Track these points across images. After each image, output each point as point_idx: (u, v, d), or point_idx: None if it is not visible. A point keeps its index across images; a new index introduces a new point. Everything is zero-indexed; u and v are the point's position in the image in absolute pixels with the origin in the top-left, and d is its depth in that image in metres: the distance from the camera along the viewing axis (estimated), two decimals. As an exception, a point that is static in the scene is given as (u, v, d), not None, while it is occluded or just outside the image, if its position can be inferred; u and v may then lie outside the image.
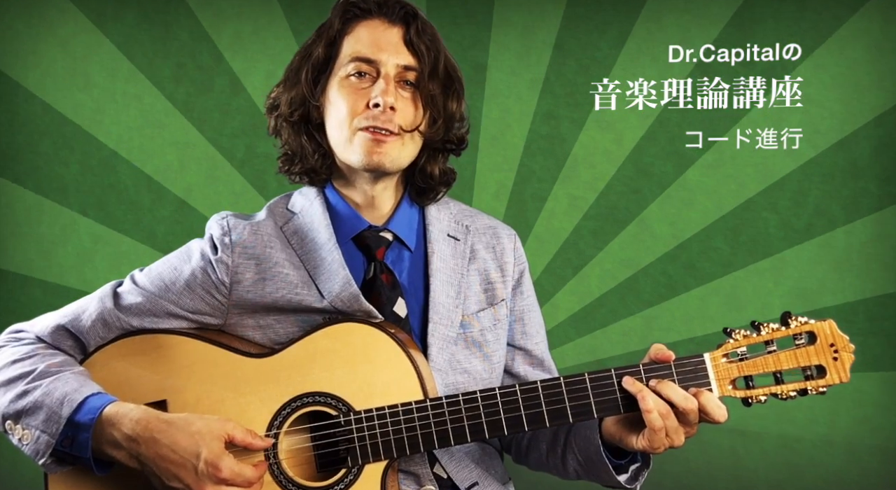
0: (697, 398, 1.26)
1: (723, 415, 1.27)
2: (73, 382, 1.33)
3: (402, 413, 1.32)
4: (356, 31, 1.46)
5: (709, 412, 1.26)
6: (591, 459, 1.41)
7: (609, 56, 3.47)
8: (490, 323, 1.53)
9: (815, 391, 1.28)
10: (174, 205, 3.64)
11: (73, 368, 1.38)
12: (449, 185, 1.57)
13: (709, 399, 1.26)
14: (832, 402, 3.33)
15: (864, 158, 3.34)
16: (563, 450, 1.50)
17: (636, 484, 1.42)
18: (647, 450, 1.29)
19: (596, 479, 1.45)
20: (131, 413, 1.29)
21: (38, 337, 1.45)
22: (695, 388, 1.28)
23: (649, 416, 1.25)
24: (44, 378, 1.34)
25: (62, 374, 1.34)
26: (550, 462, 1.54)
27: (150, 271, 1.49)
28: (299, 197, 1.56)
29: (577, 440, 1.45)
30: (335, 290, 1.42)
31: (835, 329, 1.27)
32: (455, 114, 1.51)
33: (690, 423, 1.28)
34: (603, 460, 1.38)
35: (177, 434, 1.27)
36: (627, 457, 1.40)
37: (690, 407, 1.26)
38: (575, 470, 1.49)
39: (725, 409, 1.27)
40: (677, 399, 1.26)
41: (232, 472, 1.26)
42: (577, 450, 1.45)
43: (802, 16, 3.35)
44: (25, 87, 3.64)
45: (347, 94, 1.44)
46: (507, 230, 1.63)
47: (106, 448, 1.30)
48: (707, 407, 1.26)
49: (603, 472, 1.40)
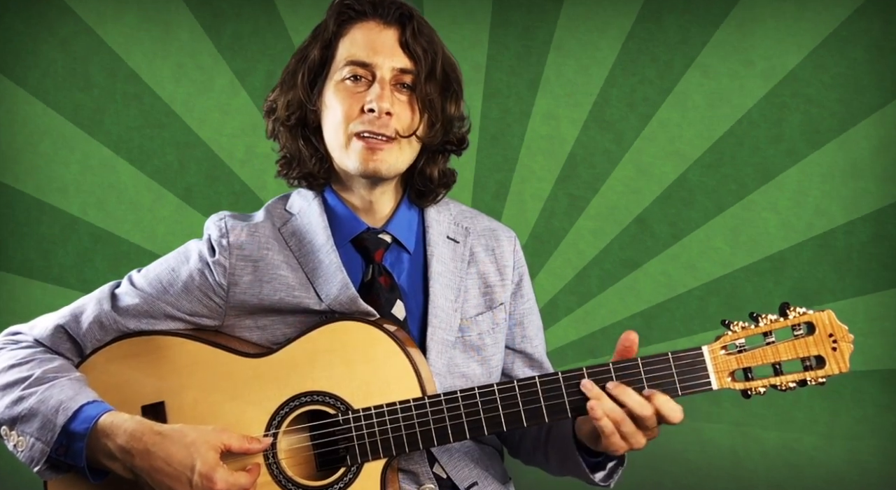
0: (652, 400, 1.25)
1: (678, 417, 1.25)
2: (68, 390, 1.32)
3: (401, 411, 1.32)
4: (351, 33, 1.44)
5: (664, 415, 1.25)
6: (567, 457, 1.42)
7: (609, 56, 3.48)
8: (488, 327, 1.52)
9: (815, 382, 1.27)
10: (174, 205, 3.64)
11: (70, 374, 1.37)
12: (449, 186, 1.55)
13: (663, 402, 1.25)
14: (832, 402, 3.33)
15: (864, 158, 3.34)
16: (544, 446, 1.50)
17: (610, 482, 1.42)
18: (608, 451, 1.29)
19: (575, 475, 1.45)
20: (126, 424, 1.28)
21: (37, 340, 1.45)
22: (649, 391, 1.26)
23: (599, 423, 1.25)
24: (40, 384, 1.33)
25: (58, 380, 1.34)
26: (537, 458, 1.55)
27: (148, 273, 1.48)
28: (297, 198, 1.55)
29: (555, 438, 1.46)
30: (333, 292, 1.41)
31: (833, 319, 1.26)
32: (453, 116, 1.49)
33: (648, 426, 1.27)
34: (576, 458, 1.38)
35: (171, 446, 1.26)
36: (602, 454, 1.39)
37: (646, 413, 1.25)
38: (557, 466, 1.49)
39: (681, 409, 1.26)
40: (632, 405, 1.25)
41: (227, 483, 1.26)
42: (556, 447, 1.46)
43: (802, 16, 3.35)
44: (25, 87, 3.65)
45: (342, 99, 1.42)
46: (506, 232, 1.61)
47: (100, 458, 1.29)
48: (662, 410, 1.25)
49: (577, 469, 1.40)
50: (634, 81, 3.49)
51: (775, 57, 3.38)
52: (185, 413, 1.38)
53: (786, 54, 3.37)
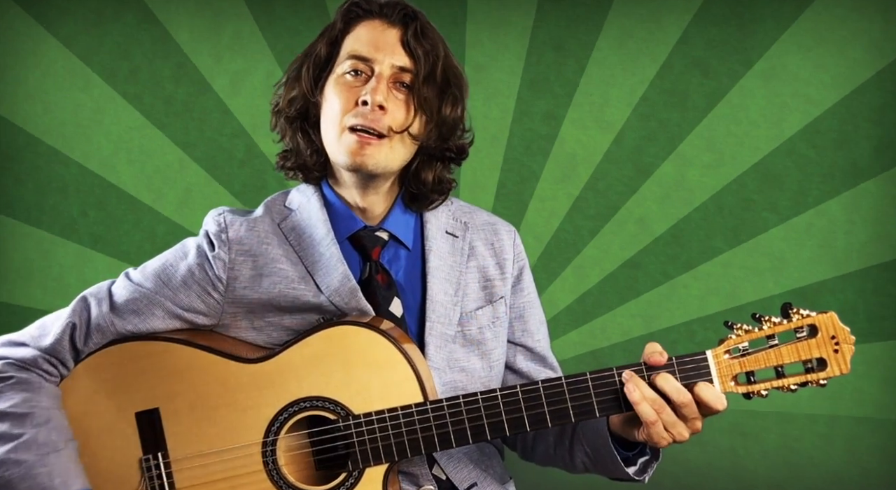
0: (693, 390, 1.25)
1: (722, 404, 1.26)
2: (56, 475, 1.29)
3: (403, 416, 1.31)
4: (356, 30, 1.47)
5: (706, 401, 1.26)
6: (599, 451, 1.41)
7: (609, 56, 3.47)
8: (489, 321, 1.52)
9: (816, 384, 1.27)
10: (174, 205, 3.64)
11: (57, 445, 1.33)
12: (444, 193, 1.54)
13: (703, 389, 1.25)
14: (832, 402, 3.34)
15: (864, 158, 3.34)
16: (570, 442, 1.49)
17: (644, 476, 1.41)
18: (649, 443, 1.29)
19: (604, 470, 1.45)
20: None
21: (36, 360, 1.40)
22: (688, 381, 1.27)
23: (639, 407, 1.25)
24: (29, 452, 1.30)
25: (48, 456, 1.31)
26: (558, 454, 1.53)
27: (146, 268, 1.47)
28: (297, 194, 1.55)
29: (585, 432, 1.45)
30: (334, 285, 1.41)
31: (836, 321, 1.26)
32: (449, 118, 1.48)
33: (689, 417, 1.27)
34: (611, 452, 1.37)
35: None
36: (636, 449, 1.39)
37: (683, 400, 1.25)
38: (583, 462, 1.48)
39: (724, 398, 1.26)
40: (669, 391, 1.25)
41: None
42: (585, 442, 1.44)
43: (802, 16, 3.34)
44: (25, 87, 3.64)
45: (341, 92, 1.43)
46: (506, 226, 1.61)
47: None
48: (702, 396, 1.25)
49: (611, 463, 1.39)
50: (634, 81, 3.48)
51: (775, 57, 3.38)
52: (180, 419, 1.37)
53: (786, 54, 3.37)
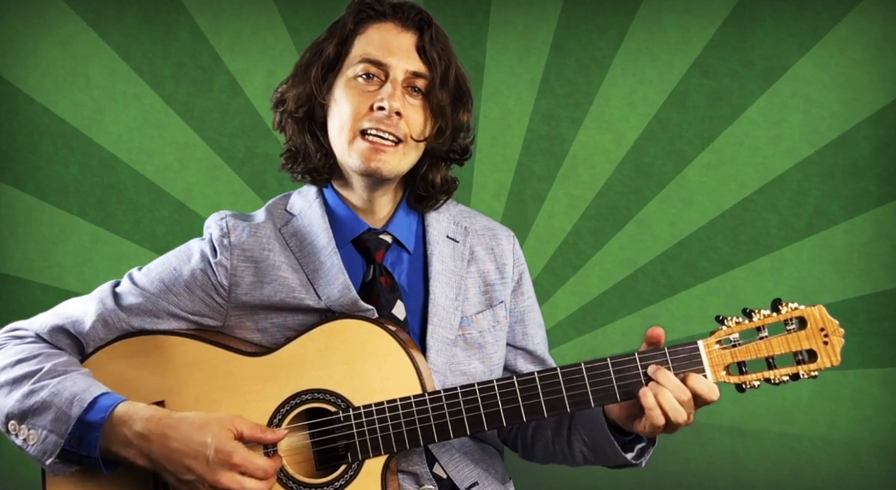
0: (686, 382, 1.27)
1: (715, 394, 1.28)
2: (81, 382, 1.33)
3: (401, 407, 1.32)
4: (368, 32, 1.45)
5: (700, 393, 1.27)
6: (596, 440, 1.42)
7: (609, 56, 3.48)
8: (489, 324, 1.53)
9: (807, 375, 1.29)
10: (174, 205, 3.65)
11: (79, 369, 1.38)
12: (449, 193, 1.56)
13: (696, 381, 1.28)
14: (832, 402, 3.34)
15: (864, 158, 3.34)
16: (568, 433, 1.50)
17: (642, 460, 1.43)
18: (649, 425, 1.29)
19: (602, 459, 1.46)
20: (142, 412, 1.30)
21: (38, 335, 1.45)
22: (682, 373, 1.28)
23: (651, 412, 1.27)
24: (51, 377, 1.33)
25: (69, 374, 1.34)
26: (557, 448, 1.54)
27: (150, 271, 1.48)
28: (298, 198, 1.55)
29: (582, 422, 1.46)
30: (334, 295, 1.42)
31: (824, 314, 1.29)
32: (464, 125, 1.51)
33: (686, 411, 1.29)
34: (609, 439, 1.38)
35: (187, 428, 1.28)
36: (632, 435, 1.40)
37: (684, 398, 1.27)
38: (581, 452, 1.49)
39: (717, 388, 1.29)
40: (672, 389, 1.27)
41: (244, 458, 1.27)
42: (583, 432, 1.45)
43: (802, 16, 3.35)
44: (25, 87, 3.65)
45: (353, 95, 1.43)
46: (505, 231, 1.62)
47: (115, 447, 1.30)
48: (697, 388, 1.27)
49: (609, 451, 1.40)
50: (634, 81, 3.49)
51: (775, 57, 3.38)
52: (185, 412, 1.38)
53: (786, 54, 3.37)
